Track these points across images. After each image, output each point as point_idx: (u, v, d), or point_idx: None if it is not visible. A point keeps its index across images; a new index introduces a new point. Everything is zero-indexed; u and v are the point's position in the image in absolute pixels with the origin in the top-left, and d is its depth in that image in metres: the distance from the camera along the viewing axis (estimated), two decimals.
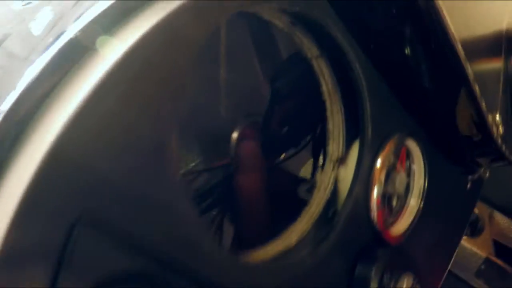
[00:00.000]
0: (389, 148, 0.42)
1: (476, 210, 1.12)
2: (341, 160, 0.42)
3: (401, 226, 0.46)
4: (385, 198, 0.43)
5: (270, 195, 0.48)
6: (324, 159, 0.44)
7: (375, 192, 0.41)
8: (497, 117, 0.55)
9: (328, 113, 0.42)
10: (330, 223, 0.39)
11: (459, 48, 0.41)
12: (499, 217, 1.13)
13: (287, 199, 0.52)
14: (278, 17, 0.37)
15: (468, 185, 0.65)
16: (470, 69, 0.44)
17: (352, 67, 0.40)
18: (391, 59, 0.44)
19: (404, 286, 0.42)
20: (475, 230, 1.08)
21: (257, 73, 0.61)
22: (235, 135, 0.51)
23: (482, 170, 0.69)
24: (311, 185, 0.45)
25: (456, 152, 0.57)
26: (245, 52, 0.59)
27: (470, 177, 0.66)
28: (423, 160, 0.47)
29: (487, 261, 1.04)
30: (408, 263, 0.43)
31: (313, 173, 0.50)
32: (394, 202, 0.46)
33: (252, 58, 0.61)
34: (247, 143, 0.47)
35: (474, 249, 1.05)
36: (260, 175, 0.48)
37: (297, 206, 0.40)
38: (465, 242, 1.04)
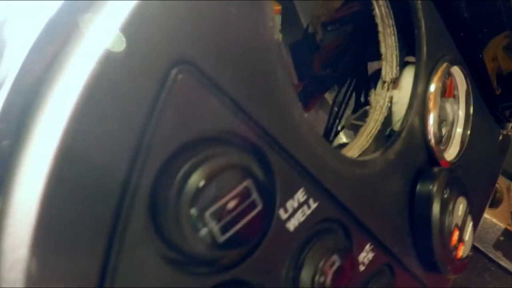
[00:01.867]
0: (441, 72, 0.42)
1: None
2: (395, 82, 0.42)
3: (452, 152, 0.46)
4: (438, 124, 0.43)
5: None
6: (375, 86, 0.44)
7: (431, 115, 0.41)
8: None
9: (381, 37, 0.42)
10: (389, 139, 0.38)
11: None
12: None
13: None
14: None
15: (500, 137, 0.66)
16: None
17: None
18: None
19: (461, 208, 0.42)
20: (493, 201, 1.09)
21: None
22: None
23: (510, 126, 0.70)
24: (360, 114, 0.45)
25: (488, 98, 0.57)
26: None
27: (501, 130, 0.66)
28: (468, 89, 0.47)
29: (506, 232, 1.04)
30: (462, 188, 0.42)
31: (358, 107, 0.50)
32: (444, 130, 0.46)
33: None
34: None
35: (493, 219, 1.05)
36: None
37: None
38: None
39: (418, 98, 0.40)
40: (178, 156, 0.20)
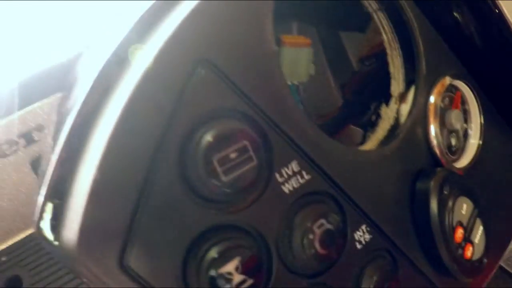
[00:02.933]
0: (442, 85, 0.48)
1: None
2: (402, 96, 0.48)
3: (464, 161, 0.50)
4: (444, 134, 0.48)
5: None
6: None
7: (432, 125, 0.47)
8: None
9: (389, 59, 0.49)
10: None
11: None
12: None
13: None
14: None
15: None
16: None
17: (406, 14, 0.47)
18: (441, 15, 0.50)
19: (464, 208, 0.46)
20: None
21: (329, 77, 0.68)
22: None
23: None
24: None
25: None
26: (317, 59, 0.68)
27: None
28: (477, 102, 0.51)
29: None
30: (466, 189, 0.46)
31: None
32: (453, 141, 0.50)
33: (324, 65, 0.71)
34: None
35: None
36: None
37: None
38: None
39: (418, 107, 0.46)
40: (198, 124, 0.29)
